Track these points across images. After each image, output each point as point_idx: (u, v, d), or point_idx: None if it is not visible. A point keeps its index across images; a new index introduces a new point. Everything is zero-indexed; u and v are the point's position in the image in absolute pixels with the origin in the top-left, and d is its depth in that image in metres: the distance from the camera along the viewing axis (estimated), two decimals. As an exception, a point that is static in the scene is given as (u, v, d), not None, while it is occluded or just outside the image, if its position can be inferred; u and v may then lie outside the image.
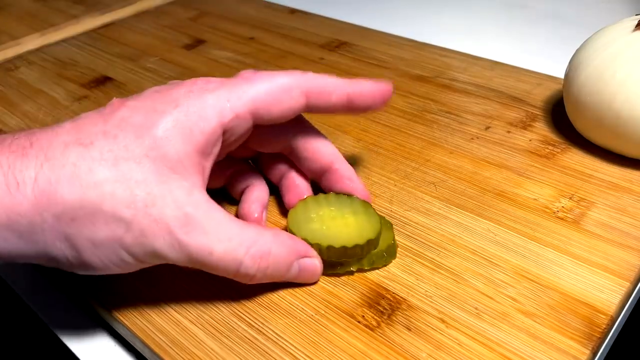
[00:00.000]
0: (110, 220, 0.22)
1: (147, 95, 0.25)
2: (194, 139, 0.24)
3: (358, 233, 0.28)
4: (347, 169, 0.31)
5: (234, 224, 0.25)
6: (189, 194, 0.24)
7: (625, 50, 0.33)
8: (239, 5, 0.64)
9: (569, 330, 0.25)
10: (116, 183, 0.22)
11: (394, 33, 0.54)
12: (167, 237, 0.23)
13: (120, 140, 0.23)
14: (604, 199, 0.32)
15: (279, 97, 0.27)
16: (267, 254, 0.25)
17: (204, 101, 0.25)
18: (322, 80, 0.28)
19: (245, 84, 0.26)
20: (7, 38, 0.57)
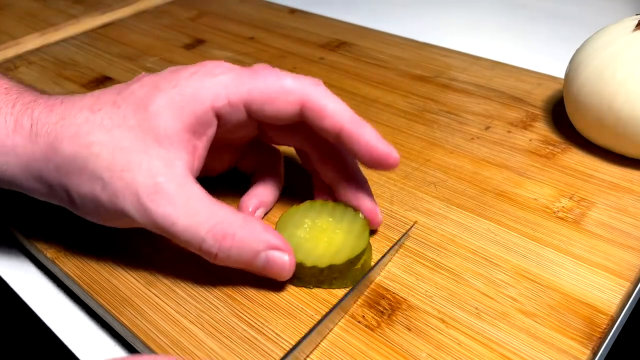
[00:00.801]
0: (92, 177, 0.25)
1: (163, 73, 0.27)
2: (184, 117, 0.26)
3: (332, 254, 0.27)
4: (360, 182, 0.30)
5: (205, 201, 0.25)
6: (167, 166, 0.25)
7: (626, 50, 0.33)
8: (239, 5, 0.64)
9: (570, 330, 0.25)
10: (104, 146, 0.25)
11: (394, 33, 0.54)
12: (134, 201, 0.25)
13: (122, 110, 0.26)
14: (605, 199, 0.32)
15: (274, 97, 0.27)
16: (230, 235, 0.25)
17: (201, 83, 0.26)
18: (325, 99, 0.27)
19: (249, 76, 0.27)
20: (7, 38, 0.57)
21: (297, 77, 0.27)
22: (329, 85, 0.28)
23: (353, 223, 0.29)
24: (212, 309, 0.27)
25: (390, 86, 0.45)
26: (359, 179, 0.30)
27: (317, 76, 0.29)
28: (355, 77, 0.47)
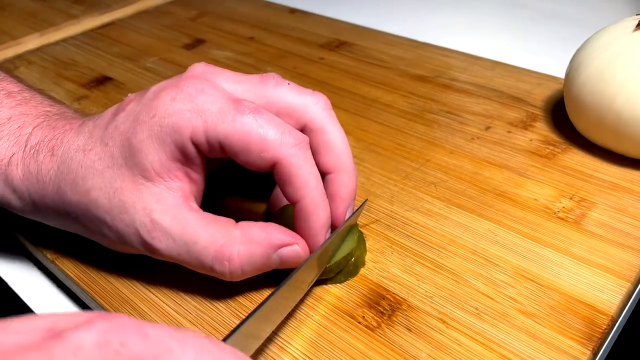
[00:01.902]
0: (97, 221, 0.26)
1: (145, 99, 0.26)
2: (167, 148, 0.25)
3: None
4: (346, 185, 0.28)
5: (200, 227, 0.25)
6: (158, 201, 0.25)
7: (626, 50, 0.33)
8: (239, 5, 0.64)
9: (570, 331, 0.25)
10: (100, 191, 0.26)
11: (394, 33, 0.54)
12: (138, 240, 0.26)
13: (109, 148, 0.26)
14: (605, 199, 0.32)
15: (249, 149, 0.25)
16: (235, 255, 0.25)
17: (180, 114, 0.25)
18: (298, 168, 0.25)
19: (232, 114, 0.24)
20: (7, 38, 0.57)
21: (283, 129, 0.25)
22: (329, 85, 0.28)
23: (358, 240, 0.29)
24: (212, 309, 0.27)
25: (390, 86, 0.45)
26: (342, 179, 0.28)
27: (317, 76, 0.29)
28: (355, 77, 0.47)
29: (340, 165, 0.28)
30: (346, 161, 0.28)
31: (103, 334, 0.13)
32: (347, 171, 0.28)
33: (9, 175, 0.27)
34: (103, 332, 0.13)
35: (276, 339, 0.25)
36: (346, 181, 0.28)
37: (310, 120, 0.27)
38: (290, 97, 0.27)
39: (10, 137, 0.28)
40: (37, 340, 0.13)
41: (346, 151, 0.28)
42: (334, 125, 0.28)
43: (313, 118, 0.27)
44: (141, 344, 0.14)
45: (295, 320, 0.26)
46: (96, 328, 0.13)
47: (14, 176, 0.27)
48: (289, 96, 0.27)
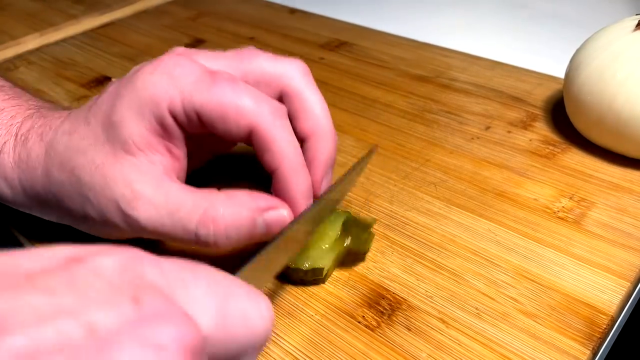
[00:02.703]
0: (81, 200, 0.26)
1: (127, 76, 0.26)
2: (146, 121, 0.25)
3: (317, 257, 0.27)
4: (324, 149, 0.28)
5: (184, 194, 0.25)
6: (140, 172, 0.25)
7: (626, 50, 0.33)
8: (239, 5, 0.64)
9: (570, 331, 0.25)
10: (83, 169, 0.26)
11: (394, 33, 0.54)
12: (119, 214, 0.25)
13: (92, 127, 0.26)
14: (605, 199, 0.32)
15: (226, 116, 0.25)
16: (220, 216, 0.24)
17: (157, 86, 0.25)
18: (275, 133, 0.25)
19: (208, 84, 0.25)
20: (6, 38, 0.57)
21: (258, 97, 0.25)
22: (329, 85, 0.28)
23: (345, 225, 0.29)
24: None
25: (390, 86, 0.45)
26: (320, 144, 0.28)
27: (317, 76, 0.29)
28: (355, 77, 0.47)
29: (318, 129, 0.28)
30: (325, 125, 0.28)
31: (122, 261, 0.14)
32: (325, 135, 0.28)
33: (1, 164, 0.28)
34: (120, 259, 0.14)
35: (276, 338, 0.25)
36: (324, 145, 0.28)
37: (287, 85, 0.28)
38: (267, 65, 0.28)
39: (2, 128, 0.28)
40: (60, 264, 0.13)
41: (325, 115, 0.28)
42: (312, 90, 0.28)
43: (290, 83, 0.28)
44: (156, 274, 0.14)
45: (295, 320, 0.26)
46: (115, 256, 0.14)
47: (5, 164, 0.28)
48: (265, 65, 0.28)
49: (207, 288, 0.15)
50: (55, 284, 0.12)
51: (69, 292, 0.12)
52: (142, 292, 0.13)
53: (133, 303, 0.13)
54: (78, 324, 0.12)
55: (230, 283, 0.16)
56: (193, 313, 0.14)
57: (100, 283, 0.13)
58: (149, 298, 0.13)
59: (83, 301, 0.12)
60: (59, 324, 0.12)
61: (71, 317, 0.12)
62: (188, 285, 0.15)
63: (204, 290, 0.15)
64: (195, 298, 0.15)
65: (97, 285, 0.13)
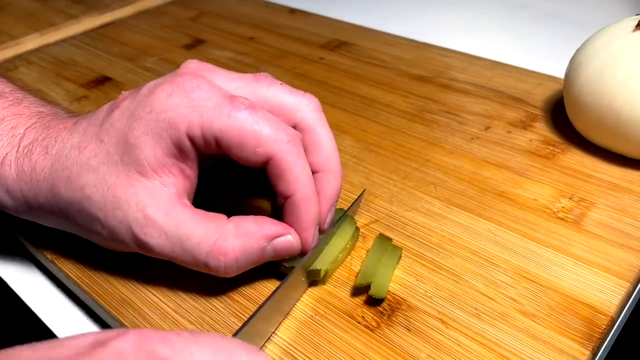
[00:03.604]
0: (90, 218, 0.26)
1: (141, 95, 0.26)
2: (163, 143, 0.25)
3: (316, 258, 0.28)
4: (332, 184, 0.29)
5: (194, 223, 0.25)
6: (152, 196, 0.25)
7: (626, 50, 0.33)
8: (239, 5, 0.64)
9: (569, 331, 0.25)
10: (94, 188, 0.26)
11: (394, 33, 0.54)
12: (130, 236, 0.26)
13: (104, 145, 0.26)
14: (604, 200, 0.32)
15: (244, 144, 0.25)
16: (230, 249, 0.25)
17: (176, 109, 0.25)
18: (292, 164, 0.25)
19: (228, 110, 0.25)
20: (6, 38, 0.57)
21: (277, 126, 0.25)
22: (329, 85, 0.28)
23: (344, 227, 0.29)
24: (212, 309, 0.27)
25: (390, 86, 0.45)
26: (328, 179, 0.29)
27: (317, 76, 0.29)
28: (355, 77, 0.47)
29: (328, 165, 0.29)
30: (334, 162, 0.29)
31: (137, 342, 0.16)
32: (334, 171, 0.29)
33: (2, 175, 0.28)
34: (137, 341, 0.17)
35: (276, 338, 0.25)
36: (332, 181, 0.28)
37: (302, 120, 0.28)
38: (283, 96, 0.28)
39: (4, 138, 0.28)
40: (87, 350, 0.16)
41: (334, 152, 0.29)
42: (324, 127, 0.29)
43: (304, 118, 0.28)
44: (167, 350, 0.17)
45: (295, 320, 0.26)
46: (131, 338, 0.17)
47: (7, 176, 0.27)
48: (281, 95, 0.28)
49: (212, 356, 0.17)
50: None
51: None
52: None
53: None
54: None
55: (233, 347, 0.18)
56: None
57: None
58: None
59: None
60: None
61: None
62: (194, 356, 0.17)
63: (209, 358, 0.17)
64: None
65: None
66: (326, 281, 0.28)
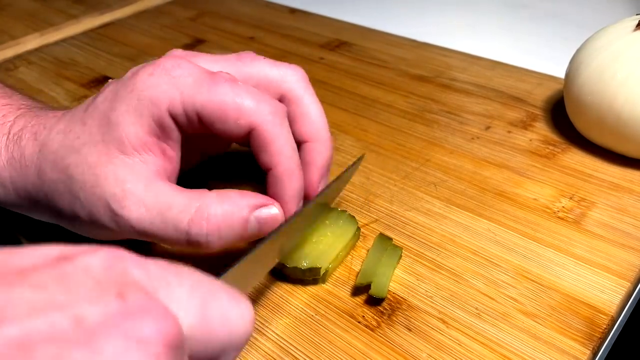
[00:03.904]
0: (72, 198, 0.26)
1: (125, 78, 0.27)
2: (144, 121, 0.25)
3: (315, 256, 0.28)
4: (321, 153, 0.29)
5: (175, 193, 0.25)
6: (132, 172, 0.25)
7: (626, 50, 0.33)
8: (239, 5, 0.64)
9: (570, 331, 0.25)
10: (75, 167, 0.26)
11: (394, 33, 0.54)
12: (108, 213, 0.25)
13: (87, 126, 0.26)
14: (605, 199, 0.32)
15: (226, 116, 0.25)
16: (212, 215, 0.24)
17: (157, 87, 0.25)
18: (275, 134, 0.25)
19: (208, 85, 0.25)
20: (7, 38, 0.57)
21: (259, 97, 0.25)
22: (329, 85, 0.28)
23: (345, 226, 0.29)
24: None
25: (390, 86, 0.45)
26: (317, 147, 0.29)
27: (317, 76, 0.29)
28: (355, 77, 0.47)
29: (316, 134, 0.28)
30: (322, 131, 0.29)
31: (108, 260, 0.15)
32: (323, 140, 0.29)
33: None
34: (107, 258, 0.15)
35: (276, 337, 0.25)
36: (322, 150, 0.28)
37: (288, 90, 0.28)
38: (268, 69, 0.28)
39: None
40: (51, 262, 0.14)
41: (323, 121, 0.29)
42: (312, 96, 0.29)
43: (291, 88, 0.28)
44: (140, 273, 0.15)
45: (295, 320, 0.26)
46: (102, 255, 0.15)
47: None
48: (266, 69, 0.28)
49: (190, 289, 0.16)
50: (46, 280, 0.13)
51: (58, 287, 0.13)
52: (126, 289, 0.14)
53: (118, 298, 0.14)
54: (67, 317, 0.13)
55: (213, 285, 0.17)
56: (175, 311, 0.15)
57: (87, 280, 0.14)
58: (133, 294, 0.14)
59: (72, 296, 0.13)
60: (50, 316, 0.12)
61: (61, 310, 0.13)
62: (171, 285, 0.15)
63: (187, 290, 0.16)
64: (178, 298, 0.15)
65: (85, 281, 0.14)
66: (326, 280, 0.28)
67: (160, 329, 0.14)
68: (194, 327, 0.15)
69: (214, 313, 0.16)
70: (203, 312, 0.16)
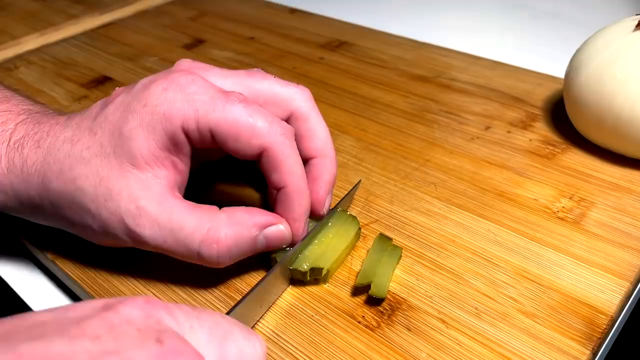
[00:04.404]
0: (81, 210, 0.26)
1: (136, 90, 0.27)
2: (157, 137, 0.25)
3: (316, 257, 0.28)
4: (328, 169, 0.29)
5: (187, 213, 0.26)
6: (145, 188, 0.26)
7: (626, 50, 0.33)
8: (239, 5, 0.64)
9: (570, 331, 0.25)
10: (86, 179, 0.26)
11: (394, 33, 0.54)
12: (122, 228, 0.26)
13: (98, 137, 0.26)
14: (604, 199, 0.32)
15: (239, 135, 0.25)
16: (222, 237, 0.25)
17: (172, 103, 0.25)
18: (285, 156, 0.26)
19: (222, 103, 0.25)
20: (7, 38, 0.57)
21: (271, 119, 0.26)
22: (329, 85, 0.28)
23: (347, 227, 0.29)
24: (212, 309, 0.27)
25: (390, 86, 0.45)
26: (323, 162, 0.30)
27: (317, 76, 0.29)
28: (355, 77, 0.47)
29: (323, 151, 0.29)
30: (329, 148, 0.30)
31: (145, 309, 0.17)
32: (329, 157, 0.30)
33: None
34: (144, 308, 0.17)
35: (276, 338, 0.25)
36: (328, 166, 0.29)
37: (296, 109, 0.29)
38: (277, 88, 0.29)
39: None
40: (97, 313, 0.16)
41: (329, 139, 0.30)
42: (318, 115, 0.29)
43: (299, 107, 0.29)
44: (171, 321, 0.17)
45: (295, 320, 0.26)
46: (138, 305, 0.17)
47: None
48: (275, 87, 0.29)
49: (209, 330, 0.18)
50: (98, 331, 0.16)
51: (109, 336, 0.15)
52: (162, 335, 0.16)
53: (157, 344, 0.16)
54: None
55: (229, 325, 0.19)
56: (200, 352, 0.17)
57: (131, 329, 0.16)
58: (169, 339, 0.16)
59: (121, 344, 0.15)
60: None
61: (114, 356, 0.15)
62: (194, 329, 0.18)
63: (207, 332, 0.18)
64: (200, 339, 0.18)
65: (129, 331, 0.16)
66: (327, 280, 0.28)
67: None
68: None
69: (231, 351, 0.18)
70: (221, 351, 0.18)
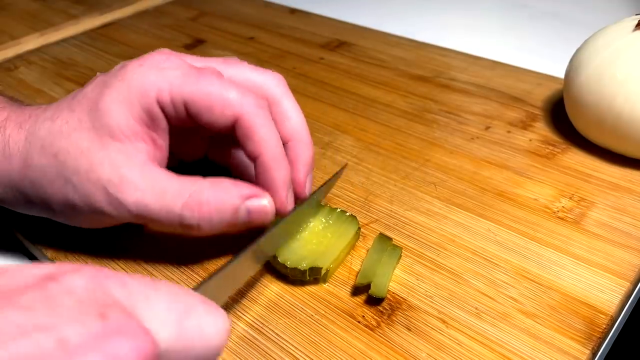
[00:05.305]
0: (63, 184, 0.26)
1: (114, 70, 0.28)
2: (134, 110, 0.26)
3: (316, 257, 0.28)
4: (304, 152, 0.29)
5: (170, 179, 0.26)
6: (127, 157, 0.26)
7: (626, 50, 0.33)
8: (239, 5, 0.64)
9: (570, 331, 0.25)
10: (67, 153, 0.26)
11: (394, 33, 0.54)
12: (105, 197, 0.26)
13: (76, 113, 0.27)
14: (604, 199, 0.32)
15: (213, 105, 0.26)
16: (205, 201, 0.26)
17: (146, 77, 0.26)
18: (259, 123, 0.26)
19: (195, 77, 0.26)
20: (7, 38, 0.57)
21: (243, 92, 0.26)
22: (329, 85, 0.28)
23: (346, 227, 0.29)
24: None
25: (390, 86, 0.45)
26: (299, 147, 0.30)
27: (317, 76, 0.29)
28: (355, 77, 0.47)
29: (297, 135, 0.29)
30: (303, 131, 0.30)
31: (91, 280, 0.15)
32: (304, 140, 0.30)
33: None
34: (91, 278, 0.15)
35: (276, 338, 0.25)
36: (304, 148, 0.29)
37: (269, 94, 0.29)
38: (249, 73, 0.29)
39: None
40: (37, 282, 0.15)
41: (302, 123, 0.30)
42: (291, 99, 0.30)
43: (272, 92, 0.29)
44: (121, 291, 0.16)
45: (295, 320, 0.26)
46: (85, 274, 0.15)
47: None
48: (249, 73, 0.29)
49: (168, 303, 0.17)
50: (33, 302, 0.14)
51: (44, 309, 0.14)
52: (107, 309, 0.15)
53: (100, 319, 0.14)
54: (52, 339, 0.13)
55: (190, 299, 0.18)
56: (153, 327, 0.15)
57: (71, 301, 0.14)
58: (114, 314, 0.15)
59: (56, 318, 0.14)
60: (36, 339, 0.13)
61: (46, 332, 0.13)
62: (150, 301, 0.16)
63: (165, 305, 0.16)
64: (156, 313, 0.16)
65: (69, 303, 0.14)
66: (327, 280, 0.28)
67: (136, 347, 0.14)
68: (172, 341, 0.16)
69: (191, 326, 0.17)
70: (179, 325, 0.17)
